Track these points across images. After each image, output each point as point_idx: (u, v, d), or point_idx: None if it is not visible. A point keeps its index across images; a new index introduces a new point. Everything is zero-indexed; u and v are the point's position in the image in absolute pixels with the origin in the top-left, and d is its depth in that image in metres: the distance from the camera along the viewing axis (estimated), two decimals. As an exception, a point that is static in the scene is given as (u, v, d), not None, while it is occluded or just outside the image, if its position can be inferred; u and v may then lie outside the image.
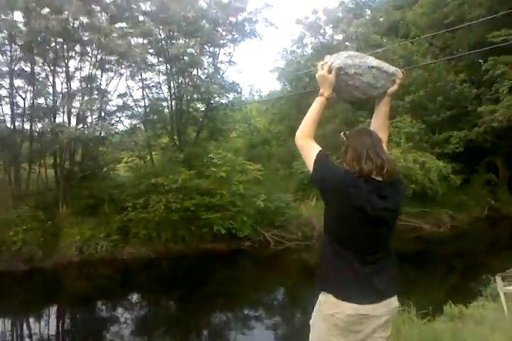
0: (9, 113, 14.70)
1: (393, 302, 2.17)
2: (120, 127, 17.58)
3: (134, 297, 11.32)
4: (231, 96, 19.34)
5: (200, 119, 18.69)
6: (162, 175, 14.51)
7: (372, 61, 2.23)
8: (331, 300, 2.11)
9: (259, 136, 23.55)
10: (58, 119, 15.69)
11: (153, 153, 17.78)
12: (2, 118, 14.57)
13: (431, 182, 17.35)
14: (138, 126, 17.85)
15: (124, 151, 17.19)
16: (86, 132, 14.25)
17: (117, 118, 17.40)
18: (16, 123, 14.93)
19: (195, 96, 17.61)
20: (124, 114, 17.69)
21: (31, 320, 9.51)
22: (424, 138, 20.34)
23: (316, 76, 2.24)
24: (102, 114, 16.47)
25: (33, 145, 15.07)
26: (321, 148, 2.18)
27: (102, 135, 15.43)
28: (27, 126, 15.26)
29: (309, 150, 2.18)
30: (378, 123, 2.37)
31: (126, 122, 18.37)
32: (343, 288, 2.08)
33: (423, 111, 21.04)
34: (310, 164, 2.15)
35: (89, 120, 16.24)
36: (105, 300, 10.74)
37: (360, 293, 2.06)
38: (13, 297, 10.61)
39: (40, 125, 15.26)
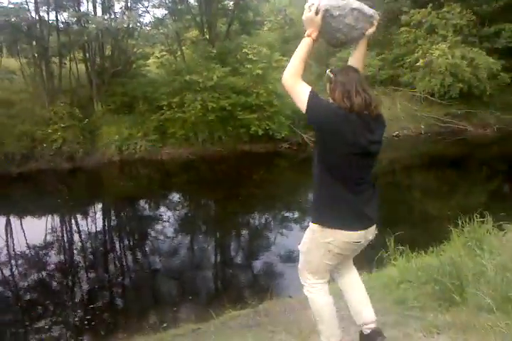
0: (32, 0, 13.55)
1: (375, 228, 2.35)
2: (147, 18, 16.32)
3: (175, 197, 11.42)
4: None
5: (231, 9, 17.08)
6: (195, 72, 13.73)
7: (354, 2, 2.23)
8: (326, 229, 2.23)
9: (291, 30, 21.74)
10: (82, 9, 14.71)
11: (183, 47, 16.67)
12: (26, 6, 13.47)
13: (478, 81, 16.02)
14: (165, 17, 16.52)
15: (153, 45, 16.17)
16: (113, 23, 13.20)
17: (144, 8, 16.03)
18: (41, 13, 13.86)
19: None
20: (151, 3, 16.31)
21: (78, 216, 9.66)
22: (473, 32, 18.42)
23: (303, 17, 2.24)
24: (128, 4, 15.19)
25: (60, 37, 14.16)
26: (310, 87, 2.17)
27: (130, 26, 14.37)
28: (52, 16, 14.20)
29: (299, 90, 2.19)
30: (357, 64, 2.36)
31: (153, 13, 17.04)
32: (339, 218, 2.21)
33: (473, 0, 18.76)
34: (302, 105, 2.17)
35: (115, 9, 15.11)
36: (147, 199, 10.85)
37: (354, 222, 2.21)
38: (58, 194, 10.83)
39: (65, 14, 14.23)
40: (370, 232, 2.31)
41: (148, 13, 16.55)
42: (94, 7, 15.01)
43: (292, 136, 14.04)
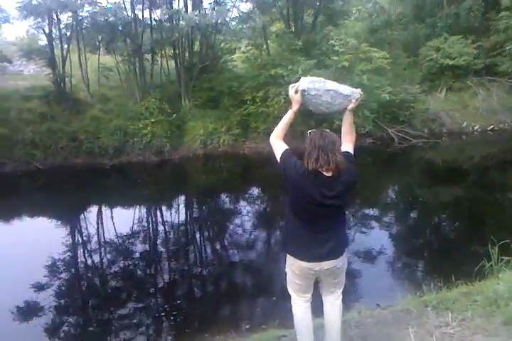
0: (129, 0, 14.08)
1: (337, 262, 2.73)
2: (234, 13, 16.25)
3: (255, 191, 11.28)
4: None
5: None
6: (281, 65, 13.44)
7: (330, 85, 2.74)
8: (290, 257, 2.79)
9: (378, 19, 20.64)
10: (174, 6, 14.96)
11: (268, 41, 16.44)
12: (123, 6, 14.00)
13: None
14: (253, 11, 16.32)
15: (240, 40, 16.13)
16: (202, 19, 13.26)
17: (232, 3, 15.99)
18: (136, 12, 14.35)
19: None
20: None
21: (163, 207, 9.89)
22: None
23: (289, 95, 2.80)
24: (217, -1, 15.24)
25: (153, 35, 14.55)
26: (287, 147, 2.70)
27: (218, 21, 14.42)
28: (146, 14, 14.65)
29: (278, 149, 2.70)
30: (344, 129, 2.84)
31: (241, 7, 16.95)
32: (298, 251, 2.72)
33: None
34: (278, 159, 2.69)
35: (204, 6, 15.22)
36: (228, 192, 10.82)
37: (305, 256, 2.69)
38: (146, 186, 11.14)
39: (158, 12, 14.56)
40: (327, 264, 2.70)
41: (236, 7, 16.48)
42: (186, 4, 15.24)
43: (377, 130, 13.28)
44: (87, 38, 15.03)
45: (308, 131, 2.69)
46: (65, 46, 13.69)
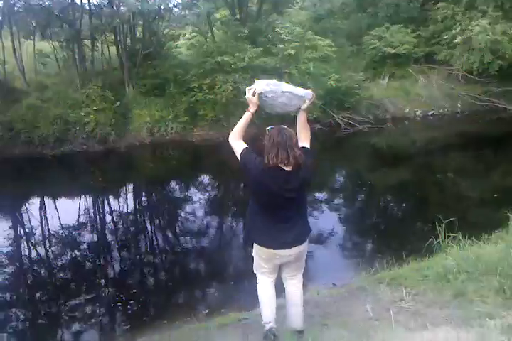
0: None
1: (299, 248, 2.95)
2: (178, -1, 15.82)
3: (205, 179, 11.12)
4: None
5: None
6: (227, 53, 13.23)
7: (285, 87, 2.86)
8: (256, 246, 2.97)
9: (322, 8, 20.82)
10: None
11: (214, 28, 16.15)
12: (58, -11, 13.21)
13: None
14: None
15: (184, 26, 15.73)
16: (145, 4, 12.77)
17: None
18: (73, -4, 13.56)
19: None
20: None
21: (110, 197, 9.52)
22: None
23: (246, 97, 2.89)
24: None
25: (92, 20, 13.86)
26: (246, 146, 2.85)
27: (161, 7, 13.96)
28: (84, -1, 13.88)
29: (238, 148, 2.84)
30: (299, 127, 2.97)
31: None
32: (264, 240, 2.91)
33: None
34: (238, 157, 2.84)
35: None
36: (177, 180, 10.62)
37: (272, 244, 2.88)
38: (91, 176, 10.67)
39: (97, -3, 13.89)
40: (291, 251, 2.91)
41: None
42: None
43: (324, 116, 13.41)
44: (21, 23, 14.16)
45: (267, 128, 2.83)
46: (-4, 30, 12.80)
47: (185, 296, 5.41)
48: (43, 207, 8.80)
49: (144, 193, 10.37)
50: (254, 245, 2.99)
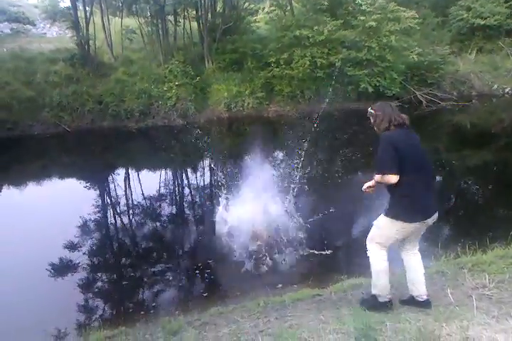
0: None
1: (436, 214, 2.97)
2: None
3: (280, 154, 11.07)
4: None
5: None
6: (305, 26, 12.90)
7: None
8: (400, 223, 2.92)
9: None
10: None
11: (292, 1, 15.73)
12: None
13: None
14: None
15: (263, 0, 15.50)
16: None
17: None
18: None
19: None
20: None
21: (188, 170, 9.80)
22: None
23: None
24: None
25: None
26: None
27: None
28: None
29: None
30: None
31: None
32: (415, 214, 2.90)
33: None
34: (384, 145, 2.91)
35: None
36: (253, 156, 10.64)
37: (420, 216, 2.91)
38: (171, 149, 11.00)
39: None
40: (433, 218, 2.96)
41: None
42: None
43: (404, 93, 12.78)
44: (110, 0, 14.66)
45: (370, 108, 3.02)
46: (88, 8, 13.37)
47: (261, 270, 5.41)
48: (127, 178, 9.19)
49: (219, 167, 10.52)
50: (397, 223, 2.93)
